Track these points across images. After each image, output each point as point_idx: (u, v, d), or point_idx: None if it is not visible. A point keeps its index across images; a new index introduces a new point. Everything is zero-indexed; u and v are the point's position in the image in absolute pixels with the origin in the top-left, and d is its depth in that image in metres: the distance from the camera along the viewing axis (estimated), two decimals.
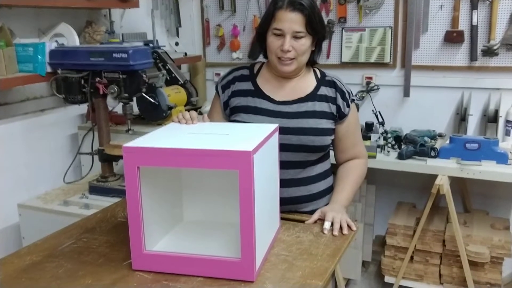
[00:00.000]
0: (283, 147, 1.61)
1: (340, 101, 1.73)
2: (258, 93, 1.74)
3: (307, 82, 1.76)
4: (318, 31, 1.67)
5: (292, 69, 1.68)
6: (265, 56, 1.79)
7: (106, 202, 2.02)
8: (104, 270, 1.29)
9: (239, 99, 1.75)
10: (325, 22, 3.04)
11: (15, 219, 2.24)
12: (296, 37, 1.63)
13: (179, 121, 1.55)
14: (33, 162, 2.45)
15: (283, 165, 1.64)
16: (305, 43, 1.65)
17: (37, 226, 2.06)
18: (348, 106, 1.75)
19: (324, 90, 1.74)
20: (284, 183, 1.64)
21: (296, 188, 1.72)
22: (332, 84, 1.76)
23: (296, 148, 1.68)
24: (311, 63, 1.78)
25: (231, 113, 1.77)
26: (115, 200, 1.97)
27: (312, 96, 1.73)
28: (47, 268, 1.31)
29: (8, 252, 1.44)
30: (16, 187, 2.36)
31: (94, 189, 2.18)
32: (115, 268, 1.30)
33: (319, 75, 1.78)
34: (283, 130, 1.60)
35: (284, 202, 1.63)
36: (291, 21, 1.62)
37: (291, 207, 1.73)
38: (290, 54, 1.64)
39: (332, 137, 1.76)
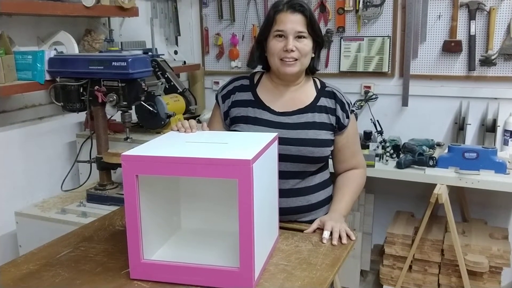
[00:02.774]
0: (282, 158, 1.61)
1: (339, 112, 1.73)
2: (258, 103, 1.74)
3: (307, 93, 1.76)
4: (318, 34, 1.69)
5: (295, 71, 1.68)
6: (264, 68, 1.79)
7: (104, 210, 2.02)
8: (101, 279, 1.28)
9: (239, 109, 1.75)
10: (324, 32, 3.08)
11: (12, 227, 2.23)
12: (298, 37, 1.64)
13: (178, 130, 1.54)
14: (31, 169, 2.45)
15: (283, 175, 1.63)
16: (308, 43, 1.66)
17: (34, 234, 2.05)
18: (347, 117, 1.75)
19: (324, 101, 1.74)
20: (283, 193, 1.64)
21: (296, 198, 1.72)
22: (332, 95, 1.76)
23: (295, 159, 1.67)
24: (311, 71, 1.78)
25: (231, 123, 1.76)
26: (113, 208, 1.96)
27: (312, 107, 1.73)
28: (44, 277, 1.30)
29: (5, 261, 1.43)
30: (13, 195, 2.35)
31: (92, 197, 2.17)
32: (112, 277, 1.29)
33: (319, 86, 1.79)
34: (283, 141, 1.60)
35: (283, 212, 1.62)
36: (292, 22, 1.63)
37: (290, 217, 1.72)
38: (294, 54, 1.64)
39: (332, 148, 1.76)
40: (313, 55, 1.73)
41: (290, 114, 1.71)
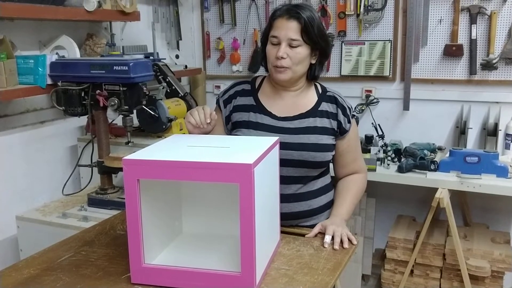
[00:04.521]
0: (284, 163, 1.61)
1: (341, 117, 1.73)
2: (259, 108, 1.74)
3: (308, 98, 1.76)
4: (315, 42, 1.65)
5: (287, 78, 1.67)
6: (266, 69, 1.79)
7: (105, 214, 2.01)
8: (102, 284, 1.28)
9: (240, 114, 1.74)
10: None
11: (13, 231, 2.23)
12: (291, 45, 1.63)
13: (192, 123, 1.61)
14: (32, 174, 2.45)
15: (285, 180, 1.63)
16: (301, 51, 1.64)
17: (35, 239, 2.05)
18: (349, 121, 1.75)
19: (325, 106, 1.74)
20: (285, 198, 1.63)
21: (297, 203, 1.71)
22: (333, 99, 1.75)
23: (297, 164, 1.67)
24: (313, 78, 1.76)
25: (233, 128, 1.76)
26: (114, 212, 1.96)
27: (313, 112, 1.72)
28: (45, 282, 1.30)
29: (6, 265, 1.42)
30: (14, 199, 2.35)
31: (93, 202, 2.17)
32: (114, 281, 1.29)
33: (320, 91, 1.78)
34: (284, 146, 1.60)
35: (285, 217, 1.62)
36: (286, 28, 1.62)
37: (292, 222, 1.71)
38: (284, 62, 1.63)
39: (333, 152, 1.75)
40: (313, 62, 1.71)
41: (291, 119, 1.71)
